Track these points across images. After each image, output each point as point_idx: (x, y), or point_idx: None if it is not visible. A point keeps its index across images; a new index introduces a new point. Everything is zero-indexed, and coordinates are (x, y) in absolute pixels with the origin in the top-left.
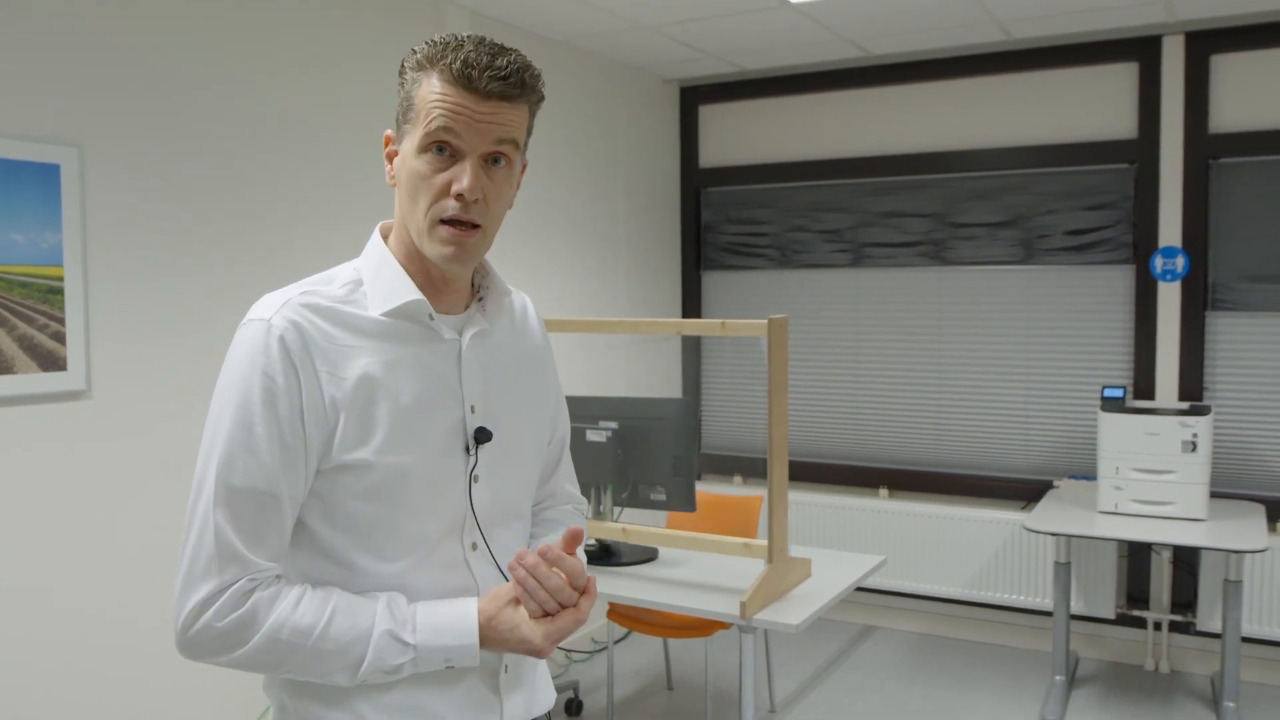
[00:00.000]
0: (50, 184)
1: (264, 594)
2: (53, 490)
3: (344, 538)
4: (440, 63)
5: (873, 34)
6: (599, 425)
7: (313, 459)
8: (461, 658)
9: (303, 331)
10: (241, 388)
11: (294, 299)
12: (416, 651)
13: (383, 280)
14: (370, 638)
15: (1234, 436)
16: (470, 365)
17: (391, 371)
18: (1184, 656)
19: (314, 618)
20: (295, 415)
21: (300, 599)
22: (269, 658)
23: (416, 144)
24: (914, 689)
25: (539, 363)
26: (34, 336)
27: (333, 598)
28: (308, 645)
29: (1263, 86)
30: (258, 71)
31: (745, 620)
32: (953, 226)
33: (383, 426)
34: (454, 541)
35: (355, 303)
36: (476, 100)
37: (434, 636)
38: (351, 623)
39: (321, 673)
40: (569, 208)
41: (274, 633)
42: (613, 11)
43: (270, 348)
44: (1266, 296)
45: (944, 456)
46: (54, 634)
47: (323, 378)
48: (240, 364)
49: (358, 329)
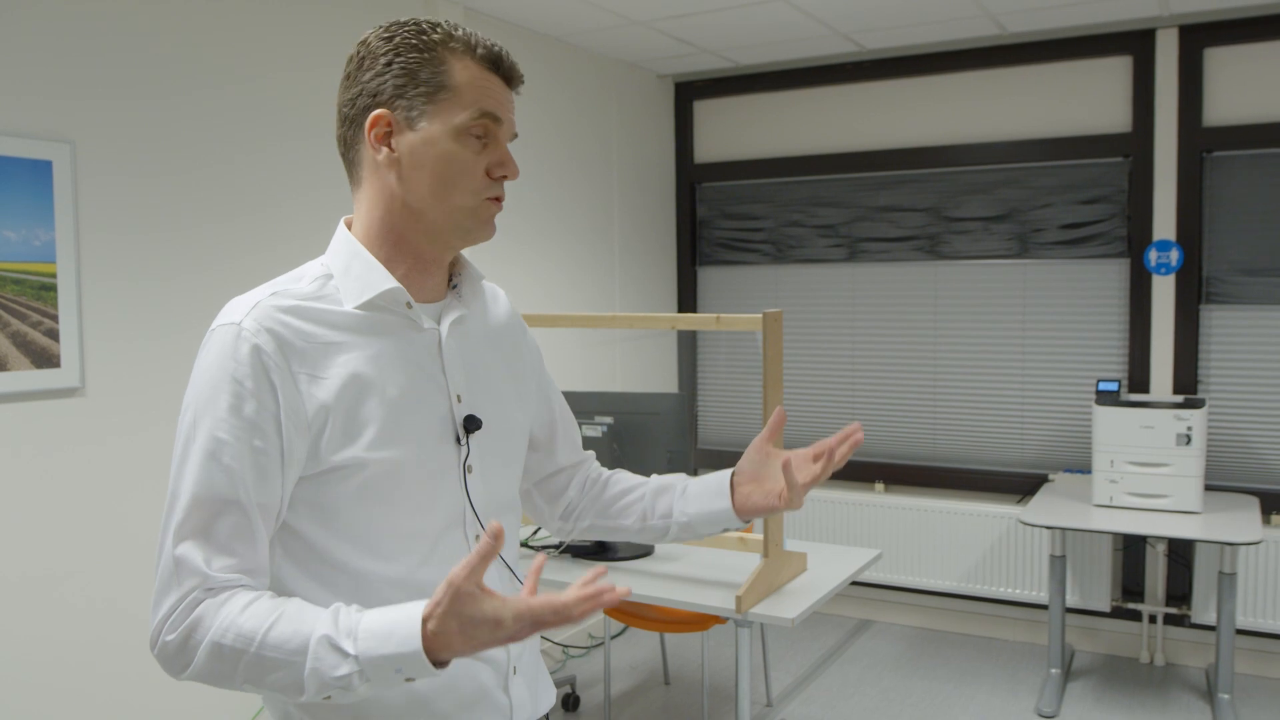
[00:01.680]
0: (43, 180)
1: (211, 601)
2: (45, 488)
3: (342, 541)
4: (467, 45)
5: (867, 28)
6: (595, 420)
7: (292, 466)
8: (413, 667)
9: (276, 335)
10: (209, 395)
11: (264, 301)
12: (359, 662)
13: (355, 272)
14: (309, 645)
15: (1228, 429)
16: (451, 354)
17: (376, 365)
18: (1179, 649)
19: (258, 622)
20: (268, 421)
21: (250, 604)
22: (218, 667)
23: (455, 126)
24: (910, 683)
25: (514, 344)
26: (27, 333)
27: (286, 604)
28: (250, 651)
29: (1256, 80)
30: (250, 68)
31: (741, 614)
32: (948, 221)
33: (373, 423)
34: (456, 535)
35: (327, 298)
36: (504, 86)
37: (376, 644)
38: (294, 629)
39: (272, 684)
40: (564, 204)
41: (218, 638)
42: (606, 7)
43: (240, 353)
44: (1260, 289)
45: (939, 451)
46: (47, 630)
47: (301, 381)
48: (209, 370)
49: (334, 325)
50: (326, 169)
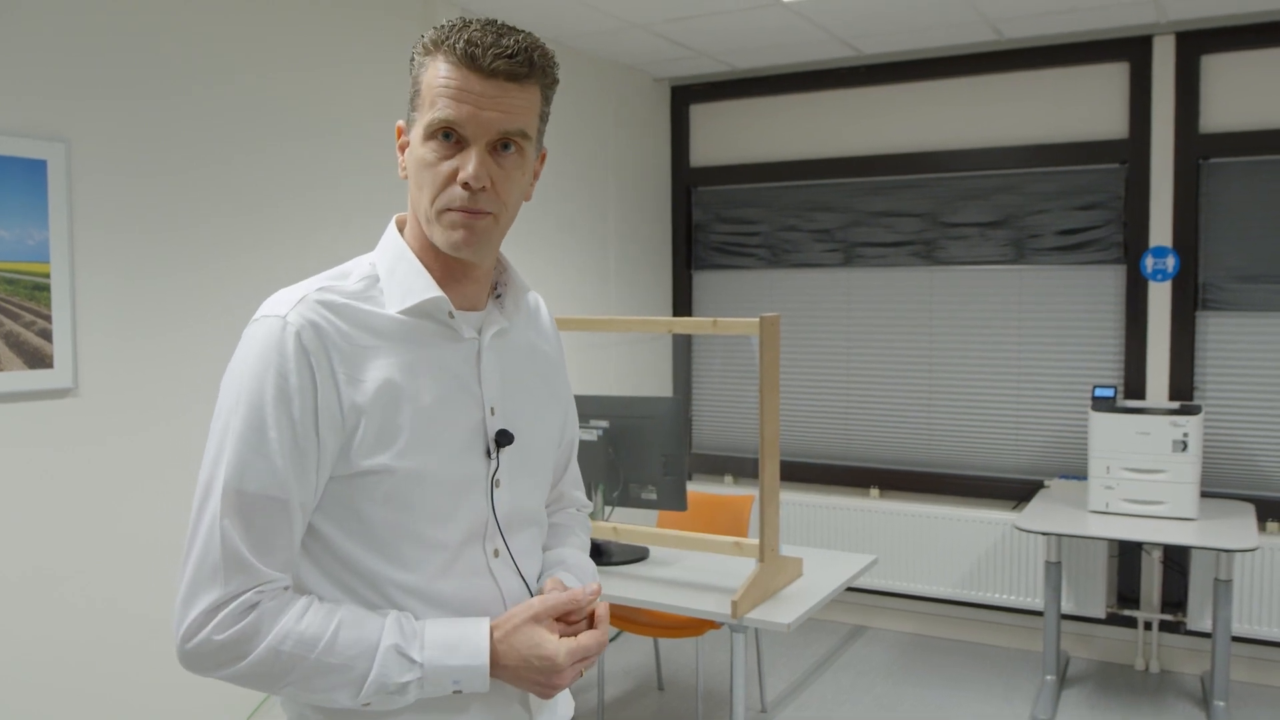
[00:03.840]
0: (37, 180)
1: (269, 605)
2: (38, 489)
3: (363, 546)
4: (445, 44)
5: (864, 33)
6: (590, 424)
7: (325, 465)
8: (470, 681)
9: (320, 331)
10: (254, 387)
11: (310, 295)
12: (423, 670)
13: (400, 276)
14: (376, 652)
15: (1224, 436)
16: (489, 365)
17: (411, 374)
18: (1174, 656)
19: (320, 629)
20: (309, 418)
21: (306, 610)
22: (270, 670)
23: (422, 131)
24: (905, 689)
25: (552, 364)
26: (20, 333)
27: (340, 610)
28: (311, 658)
29: (1253, 86)
30: (246, 67)
31: (736, 620)
32: (944, 226)
33: (405, 431)
34: (476, 548)
35: (373, 299)
36: (482, 81)
37: (443, 655)
38: (358, 635)
39: (323, 689)
40: (560, 206)
41: (277, 644)
42: (604, 10)
43: (285, 346)
44: (1256, 296)
45: (935, 456)
46: (42, 631)
47: (340, 380)
48: (253, 362)
49: (375, 329)
50: (323, 169)
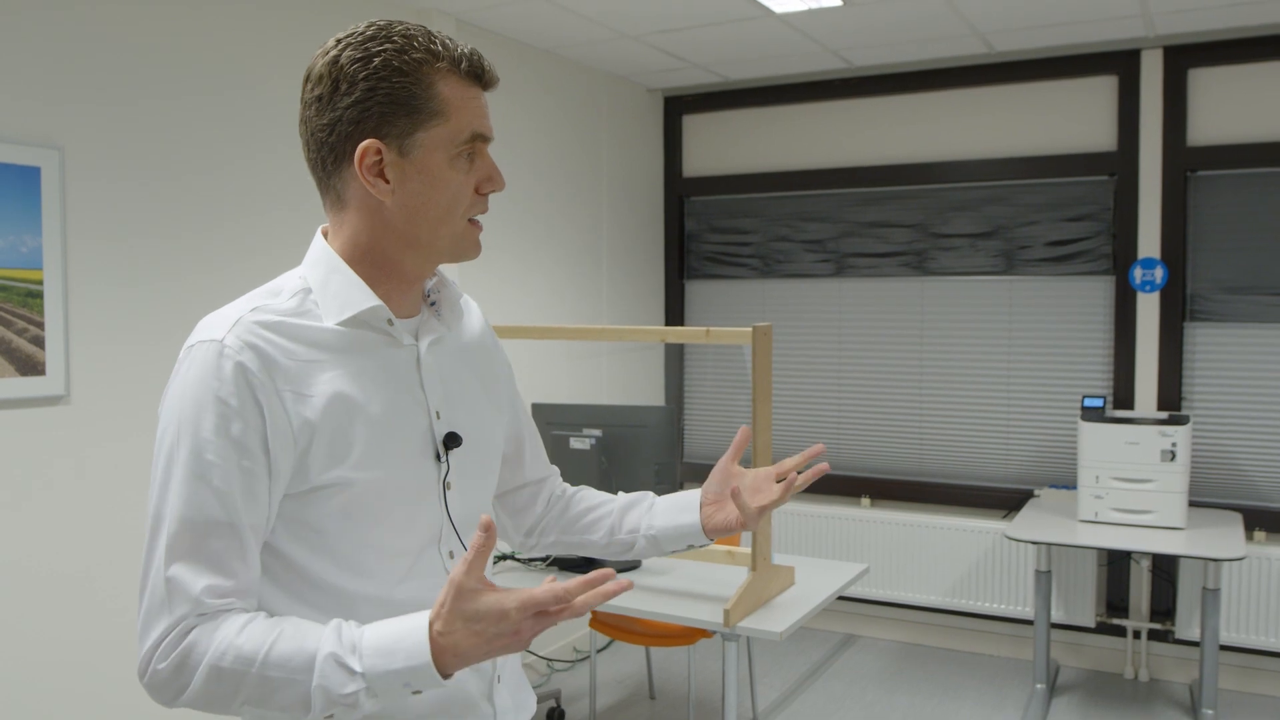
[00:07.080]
0: (30, 187)
1: (204, 626)
2: (30, 496)
3: (323, 559)
4: (452, 61)
5: (856, 45)
6: (582, 433)
7: (279, 485)
8: (420, 680)
9: (259, 351)
10: (193, 414)
11: (245, 317)
12: (365, 680)
13: (335, 287)
14: (315, 664)
15: (1212, 446)
16: (430, 371)
17: (358, 384)
18: (1163, 664)
19: (258, 642)
20: (254, 439)
21: (247, 624)
22: (219, 690)
23: (449, 152)
24: (896, 698)
25: (487, 358)
26: (12, 340)
27: (284, 622)
28: (253, 672)
29: (1240, 100)
30: (240, 75)
31: (728, 628)
32: (935, 237)
33: (359, 442)
34: (433, 551)
35: (308, 314)
36: (482, 93)
37: (383, 661)
38: (298, 646)
39: (277, 705)
40: (552, 216)
41: (217, 661)
42: (597, 21)
43: (224, 370)
44: (1244, 307)
45: (926, 465)
46: (35, 637)
47: (286, 399)
48: (192, 387)
49: (316, 343)
50: None
